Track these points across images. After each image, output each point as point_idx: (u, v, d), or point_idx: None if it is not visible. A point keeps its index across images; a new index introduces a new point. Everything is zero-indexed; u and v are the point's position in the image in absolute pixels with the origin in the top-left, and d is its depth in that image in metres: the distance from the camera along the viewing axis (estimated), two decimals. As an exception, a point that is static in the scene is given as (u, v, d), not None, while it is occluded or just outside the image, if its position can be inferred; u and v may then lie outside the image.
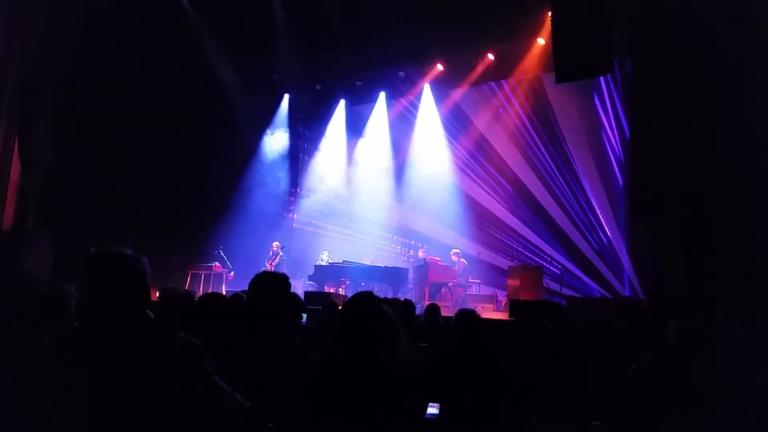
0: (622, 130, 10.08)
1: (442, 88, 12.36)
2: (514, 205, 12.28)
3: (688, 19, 7.58)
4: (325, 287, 10.86)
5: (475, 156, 12.72)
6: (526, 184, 11.96)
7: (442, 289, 10.71)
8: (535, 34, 10.12)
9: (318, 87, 12.68)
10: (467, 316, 3.40)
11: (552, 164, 11.62)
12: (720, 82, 7.27)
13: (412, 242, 13.57)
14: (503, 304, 10.28)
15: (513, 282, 9.25)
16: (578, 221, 11.25)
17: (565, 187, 11.44)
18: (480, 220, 12.65)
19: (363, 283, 10.99)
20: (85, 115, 9.76)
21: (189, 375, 1.65)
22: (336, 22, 10.19)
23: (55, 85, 9.72)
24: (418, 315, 5.12)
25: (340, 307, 3.56)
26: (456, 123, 12.80)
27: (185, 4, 10.51)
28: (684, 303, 6.66)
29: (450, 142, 12.83)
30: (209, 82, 11.08)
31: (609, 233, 10.72)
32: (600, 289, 10.54)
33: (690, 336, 2.80)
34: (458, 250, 11.36)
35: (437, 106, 12.60)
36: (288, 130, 13.46)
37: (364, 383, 2.01)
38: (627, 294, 9.60)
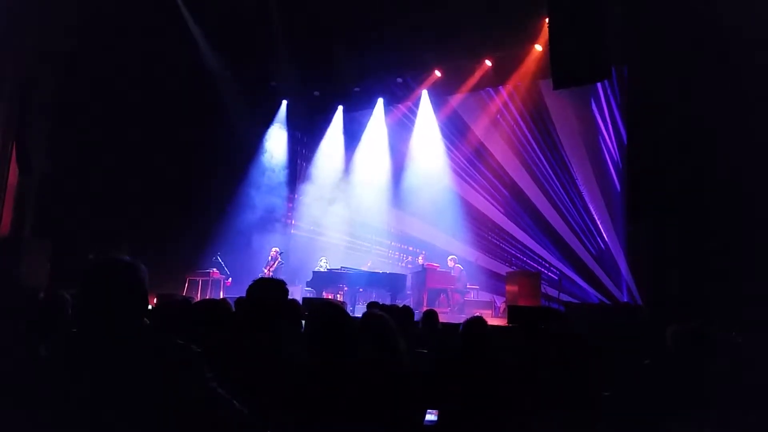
0: (619, 136, 10.12)
1: (440, 94, 12.40)
2: (512, 211, 12.29)
3: (683, 24, 7.63)
4: (324, 293, 10.84)
5: (473, 162, 12.74)
6: (524, 190, 11.98)
7: (441, 295, 10.71)
8: (533, 41, 10.17)
9: (316, 93, 12.71)
10: (477, 324, 3.36)
11: (550, 170, 11.64)
12: (717, 87, 7.31)
13: (411, 248, 13.56)
14: (501, 310, 10.27)
15: (511, 288, 9.25)
16: (576, 227, 11.26)
17: (563, 192, 11.46)
18: (478, 226, 12.66)
19: (361, 289, 10.98)
20: (83, 122, 9.77)
21: (187, 382, 1.64)
22: (334, 28, 10.22)
23: (53, 91, 9.73)
24: (416, 321, 5.11)
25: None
26: (454, 129, 12.83)
27: (184, 11, 10.54)
28: (682, 308, 6.66)
29: (448, 148, 12.85)
30: (207, 89, 11.10)
31: (607, 239, 10.73)
32: (598, 295, 10.54)
33: (688, 342, 2.81)
34: (455, 256, 11.37)
35: (435, 112, 12.62)
36: (286, 136, 13.48)
37: (359, 388, 2.01)
38: (625, 300, 9.59)
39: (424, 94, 12.46)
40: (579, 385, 3.21)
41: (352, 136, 13.62)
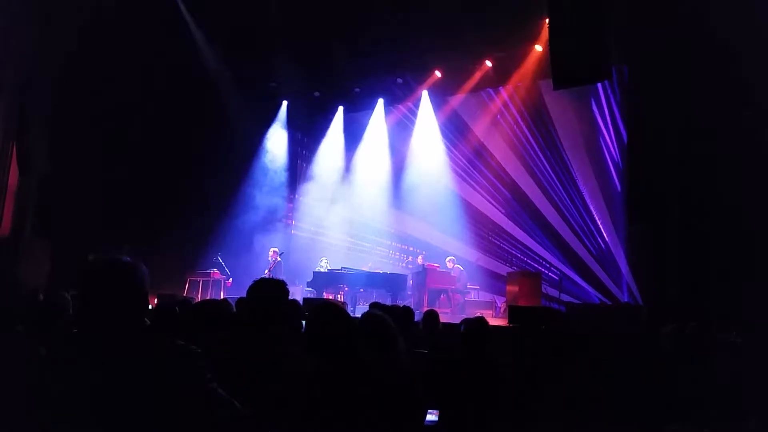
0: (619, 135, 10.12)
1: (440, 94, 12.40)
2: (512, 212, 12.29)
3: (683, 24, 7.63)
4: (324, 293, 10.84)
5: (473, 162, 12.75)
6: (525, 190, 11.98)
7: (441, 296, 10.70)
8: (533, 41, 10.18)
9: (316, 94, 12.71)
10: (477, 324, 3.34)
11: (550, 170, 11.64)
12: (717, 86, 7.32)
13: (411, 248, 13.56)
14: (502, 310, 10.27)
15: (512, 288, 9.25)
16: (576, 227, 11.27)
17: (563, 192, 11.46)
18: (478, 227, 12.66)
19: (361, 290, 10.97)
20: (83, 122, 9.77)
21: (187, 382, 1.64)
22: (334, 28, 10.22)
23: (52, 91, 9.73)
24: (417, 321, 5.11)
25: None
26: (454, 129, 12.83)
27: (184, 11, 10.54)
28: (683, 309, 6.66)
29: (448, 149, 12.85)
30: (207, 89, 11.10)
31: (607, 238, 10.73)
32: (599, 295, 10.53)
33: (687, 342, 2.81)
34: (453, 257, 11.37)
35: (435, 112, 12.62)
36: (287, 136, 13.49)
37: (359, 388, 2.01)
38: (626, 300, 9.59)
39: (425, 95, 12.46)
40: (579, 385, 3.21)
41: (353, 136, 13.61)
